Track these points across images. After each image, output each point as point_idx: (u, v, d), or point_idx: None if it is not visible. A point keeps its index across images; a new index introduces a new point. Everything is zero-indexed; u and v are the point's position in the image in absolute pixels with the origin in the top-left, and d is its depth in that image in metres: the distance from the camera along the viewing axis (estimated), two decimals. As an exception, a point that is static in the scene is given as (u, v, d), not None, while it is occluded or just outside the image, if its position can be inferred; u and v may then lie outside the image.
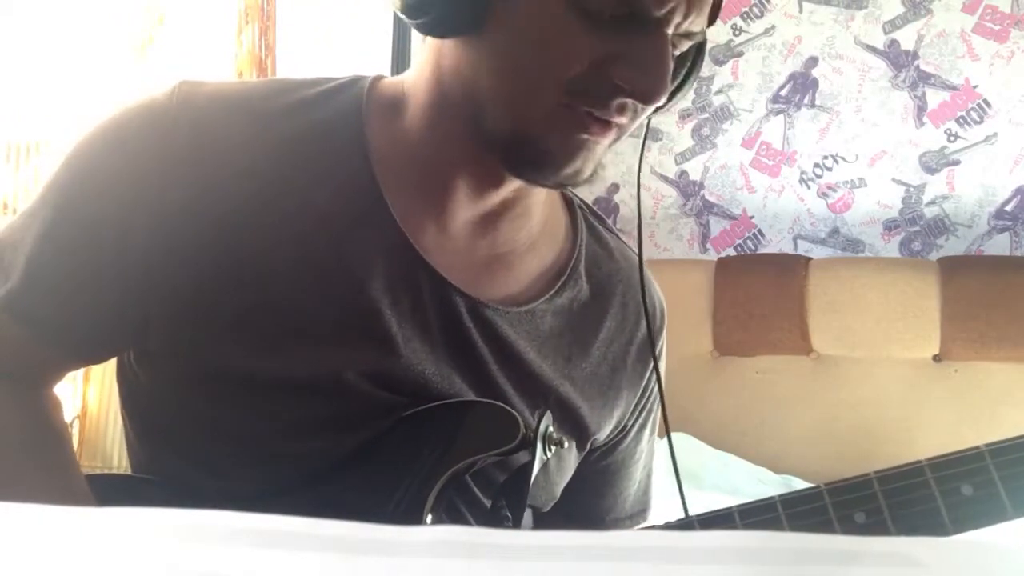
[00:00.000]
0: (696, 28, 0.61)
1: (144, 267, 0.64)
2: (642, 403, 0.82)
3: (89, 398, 1.44)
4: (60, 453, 0.68)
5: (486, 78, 0.62)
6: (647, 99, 0.59)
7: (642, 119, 0.64)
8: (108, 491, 0.72)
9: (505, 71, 0.61)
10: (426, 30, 0.62)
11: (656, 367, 0.78)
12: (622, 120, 0.62)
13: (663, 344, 0.83)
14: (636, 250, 0.83)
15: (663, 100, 0.60)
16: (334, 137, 0.68)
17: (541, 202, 0.75)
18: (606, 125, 0.61)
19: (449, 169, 0.68)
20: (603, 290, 0.78)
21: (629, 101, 0.60)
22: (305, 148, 0.67)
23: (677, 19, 0.58)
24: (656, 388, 0.84)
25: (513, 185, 0.68)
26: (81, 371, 1.41)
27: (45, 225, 0.65)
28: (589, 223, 0.81)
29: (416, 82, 0.68)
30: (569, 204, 0.80)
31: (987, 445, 0.61)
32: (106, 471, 1.43)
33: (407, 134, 0.68)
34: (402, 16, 0.61)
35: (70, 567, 0.22)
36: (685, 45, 0.63)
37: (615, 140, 0.64)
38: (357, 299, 0.65)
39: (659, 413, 0.86)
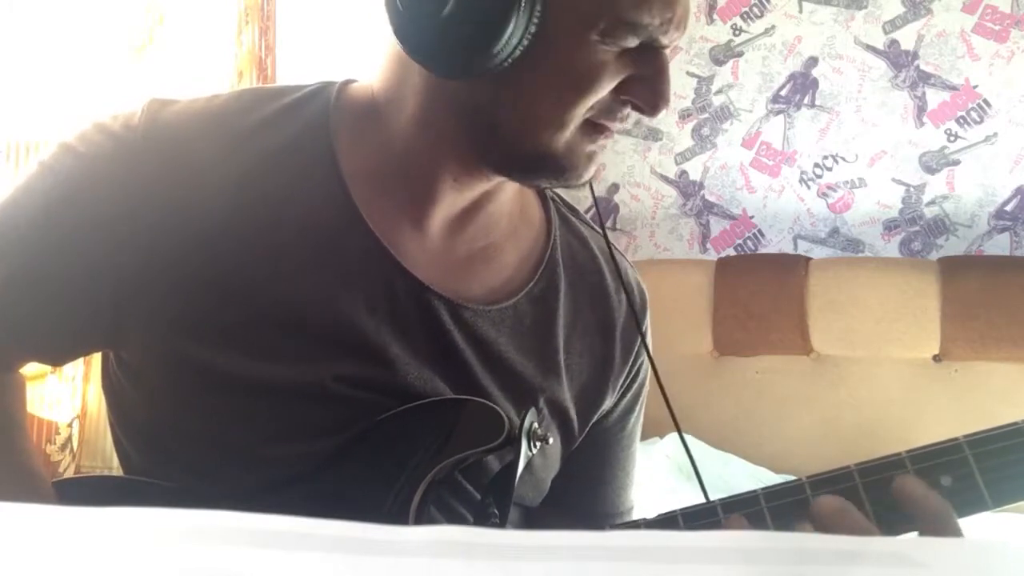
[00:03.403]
0: (679, 38, 0.67)
1: (114, 284, 0.65)
2: (626, 383, 0.83)
3: (89, 398, 1.44)
4: (9, 436, 0.69)
5: (507, 109, 0.64)
6: (656, 111, 0.65)
7: None
8: (107, 491, 0.72)
9: (535, 103, 0.63)
10: (450, 74, 0.62)
11: (647, 348, 0.79)
12: (627, 127, 0.68)
13: (647, 327, 0.84)
14: (610, 240, 0.84)
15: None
16: (303, 149, 0.68)
17: (514, 195, 0.76)
18: (612, 132, 0.67)
19: (434, 175, 0.68)
20: (580, 279, 0.79)
21: (634, 112, 0.66)
22: (275, 162, 0.67)
23: (673, 36, 0.65)
24: (643, 371, 0.85)
25: (491, 181, 0.70)
26: (81, 371, 1.41)
27: (16, 236, 0.66)
28: (562, 214, 0.82)
29: (387, 92, 0.69)
30: (542, 196, 0.82)
31: (965, 436, 0.61)
32: (106, 471, 1.43)
33: (382, 141, 0.69)
34: (422, 65, 0.62)
35: (70, 567, 0.22)
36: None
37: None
38: (333, 307, 0.66)
39: (645, 398, 0.87)
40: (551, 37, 0.60)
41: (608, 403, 0.81)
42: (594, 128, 0.65)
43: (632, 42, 0.62)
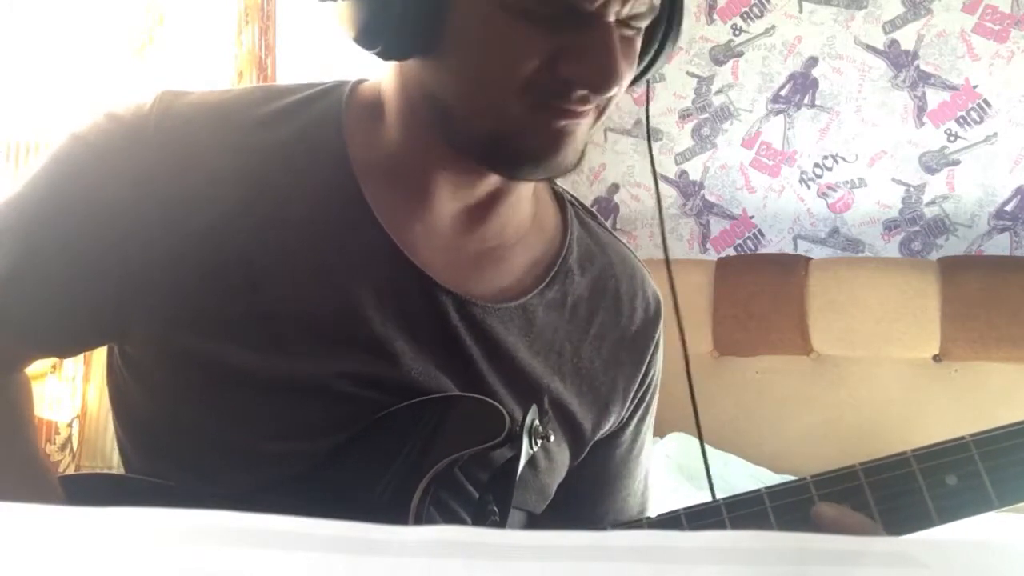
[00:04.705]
0: (642, 8, 0.60)
1: (119, 276, 0.64)
2: (639, 396, 0.82)
3: (89, 398, 1.44)
4: (19, 435, 0.69)
5: (450, 92, 0.63)
6: (598, 90, 0.60)
7: (616, 98, 0.64)
8: (107, 490, 0.72)
9: (466, 83, 0.62)
10: (384, 56, 0.63)
11: (687, 359, 0.78)
12: (589, 107, 0.62)
13: (660, 337, 0.83)
14: (630, 247, 0.83)
15: (617, 87, 0.60)
16: (313, 142, 0.68)
17: (528, 195, 0.75)
18: (577, 112, 0.62)
19: (428, 169, 0.68)
20: (595, 284, 0.78)
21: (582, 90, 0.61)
22: (285, 154, 0.67)
23: (615, 7, 0.58)
24: (655, 382, 0.84)
25: (488, 177, 0.69)
26: (81, 371, 1.41)
27: (23, 227, 0.66)
28: (581, 218, 0.81)
29: (387, 88, 0.69)
30: (560, 200, 0.80)
31: (971, 435, 0.61)
32: (105, 471, 1.43)
33: (385, 137, 0.69)
34: (358, 46, 0.62)
35: (70, 567, 0.22)
36: (644, 22, 0.62)
37: (596, 120, 0.65)
38: (339, 302, 0.66)
39: (655, 406, 0.86)
40: (461, 13, 0.59)
41: (619, 413, 0.80)
42: (550, 109, 0.61)
43: (546, 9, 0.57)
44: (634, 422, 0.83)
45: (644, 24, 0.63)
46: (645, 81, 0.70)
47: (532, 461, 0.70)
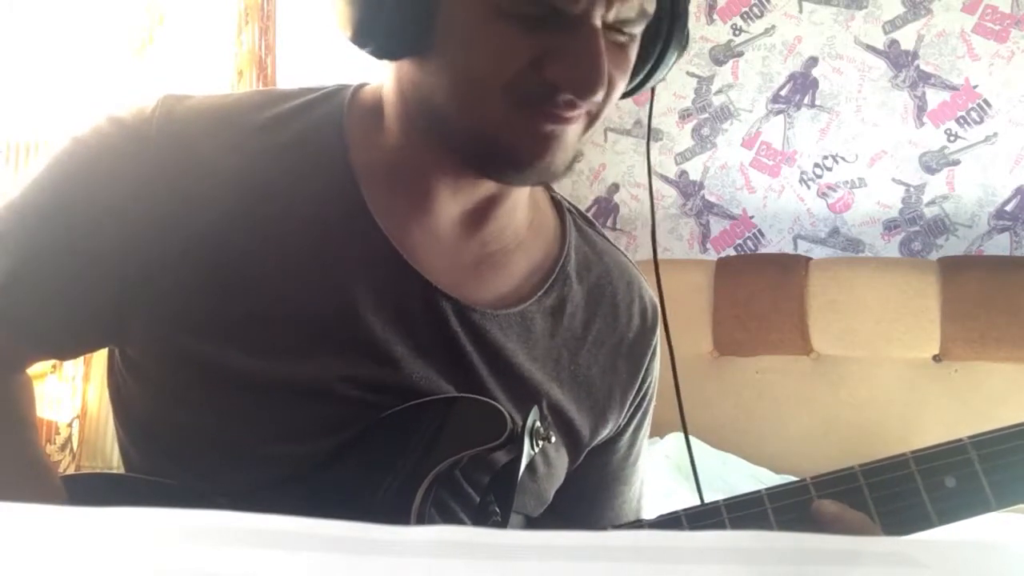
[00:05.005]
0: (630, 14, 0.59)
1: (120, 278, 0.65)
2: (636, 402, 0.82)
3: (89, 398, 1.44)
4: (21, 436, 0.68)
5: (440, 93, 0.63)
6: (582, 94, 0.59)
7: (610, 104, 0.63)
8: (107, 489, 0.72)
9: (453, 83, 0.62)
10: (377, 55, 0.63)
11: (674, 367, 0.78)
12: (577, 112, 0.62)
13: (656, 344, 0.83)
14: (626, 254, 0.84)
15: (603, 92, 0.60)
16: (314, 145, 0.68)
17: (526, 200, 0.75)
18: (563, 117, 0.61)
19: (427, 172, 0.68)
20: (593, 292, 0.78)
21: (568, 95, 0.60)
22: (286, 157, 0.67)
23: (599, 11, 0.57)
24: (652, 389, 0.84)
25: (484, 182, 0.69)
26: (81, 371, 1.41)
27: (24, 230, 0.66)
28: (578, 226, 0.81)
29: (387, 91, 0.69)
30: (558, 207, 0.81)
31: (970, 437, 0.61)
32: (105, 471, 1.43)
33: (385, 141, 0.69)
34: (352, 44, 0.62)
35: (70, 567, 0.22)
36: (637, 28, 0.62)
37: (588, 127, 0.64)
38: (339, 305, 0.66)
39: (651, 412, 0.86)
40: (449, 13, 0.59)
41: (617, 420, 0.80)
42: (535, 111, 0.60)
43: (531, 9, 0.57)
44: (631, 428, 0.83)
45: (636, 30, 0.62)
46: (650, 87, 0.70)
47: (531, 466, 0.70)
